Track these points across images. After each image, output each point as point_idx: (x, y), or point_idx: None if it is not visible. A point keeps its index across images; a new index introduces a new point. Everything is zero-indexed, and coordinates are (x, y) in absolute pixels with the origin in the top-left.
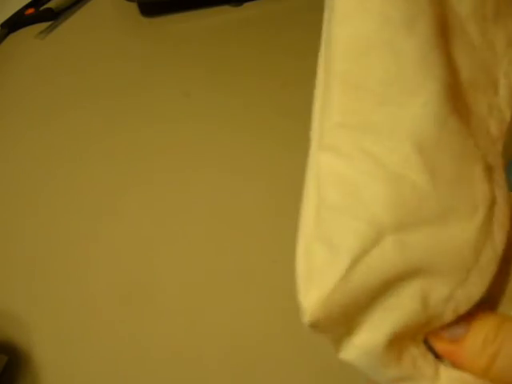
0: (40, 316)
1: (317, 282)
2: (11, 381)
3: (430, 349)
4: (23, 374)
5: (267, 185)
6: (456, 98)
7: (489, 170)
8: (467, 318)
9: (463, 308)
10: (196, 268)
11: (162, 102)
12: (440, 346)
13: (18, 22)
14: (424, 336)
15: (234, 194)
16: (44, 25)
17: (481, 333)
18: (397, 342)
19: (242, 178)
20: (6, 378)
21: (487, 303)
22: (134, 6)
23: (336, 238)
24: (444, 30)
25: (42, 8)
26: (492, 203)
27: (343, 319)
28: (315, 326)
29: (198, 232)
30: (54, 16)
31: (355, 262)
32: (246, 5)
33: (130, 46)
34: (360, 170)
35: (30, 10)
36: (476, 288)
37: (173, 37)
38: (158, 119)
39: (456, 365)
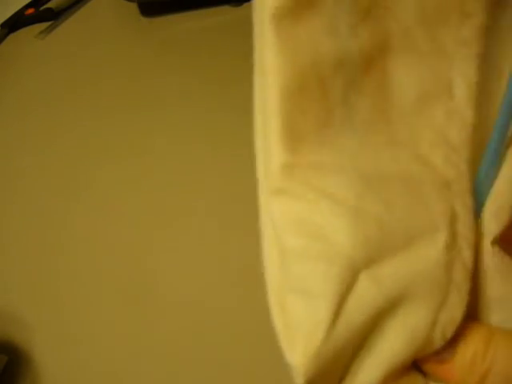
0: (40, 316)
1: (302, 339)
2: (11, 381)
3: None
4: (23, 374)
5: None
6: (390, 125)
7: (445, 185)
8: (453, 335)
9: (450, 330)
10: (197, 269)
11: (162, 102)
12: (429, 367)
13: (18, 21)
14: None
15: (235, 195)
16: (44, 25)
17: (469, 349)
18: (390, 378)
19: (242, 178)
20: (6, 377)
21: (467, 315)
22: (133, 6)
23: (309, 286)
24: (380, 52)
25: (42, 8)
26: (452, 220)
27: (334, 371)
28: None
29: (199, 232)
30: (54, 16)
31: (337, 309)
32: (246, 5)
33: (130, 46)
34: (318, 209)
35: (30, 10)
36: (457, 307)
37: (173, 37)
38: (158, 120)
39: (447, 383)
